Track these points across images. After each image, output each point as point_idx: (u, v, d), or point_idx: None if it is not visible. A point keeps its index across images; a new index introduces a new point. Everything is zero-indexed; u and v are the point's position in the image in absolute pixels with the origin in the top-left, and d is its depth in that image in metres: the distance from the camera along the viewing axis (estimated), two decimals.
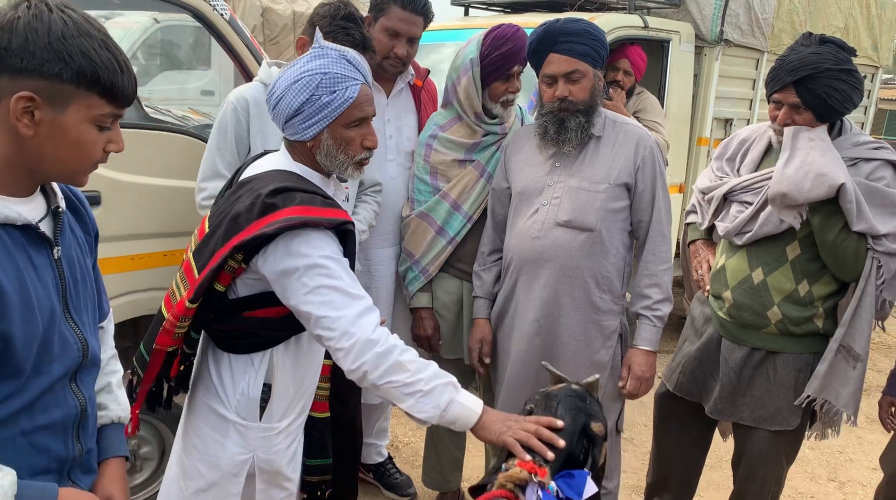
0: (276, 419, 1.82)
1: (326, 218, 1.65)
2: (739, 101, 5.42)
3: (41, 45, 1.10)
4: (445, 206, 2.67)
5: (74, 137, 1.16)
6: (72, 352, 1.27)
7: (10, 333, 1.13)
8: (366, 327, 1.62)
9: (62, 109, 1.14)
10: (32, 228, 1.19)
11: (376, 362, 1.61)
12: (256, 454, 1.81)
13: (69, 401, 1.30)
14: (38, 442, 1.26)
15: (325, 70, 1.68)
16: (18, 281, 1.15)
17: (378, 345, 1.61)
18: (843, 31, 5.68)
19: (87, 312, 1.33)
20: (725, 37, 4.91)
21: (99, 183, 2.42)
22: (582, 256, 2.35)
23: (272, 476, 1.86)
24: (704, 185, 2.65)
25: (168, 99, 5.74)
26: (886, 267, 2.24)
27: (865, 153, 2.30)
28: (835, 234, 2.25)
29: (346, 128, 1.72)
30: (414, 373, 1.63)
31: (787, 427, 2.44)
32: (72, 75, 1.12)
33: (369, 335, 1.61)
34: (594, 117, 2.36)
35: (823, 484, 3.73)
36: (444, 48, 4.72)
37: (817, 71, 2.19)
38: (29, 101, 1.11)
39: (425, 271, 2.71)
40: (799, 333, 2.37)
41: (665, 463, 2.88)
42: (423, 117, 2.89)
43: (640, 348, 2.41)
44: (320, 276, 1.62)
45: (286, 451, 1.87)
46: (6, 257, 1.14)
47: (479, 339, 2.61)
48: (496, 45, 2.52)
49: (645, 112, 4.29)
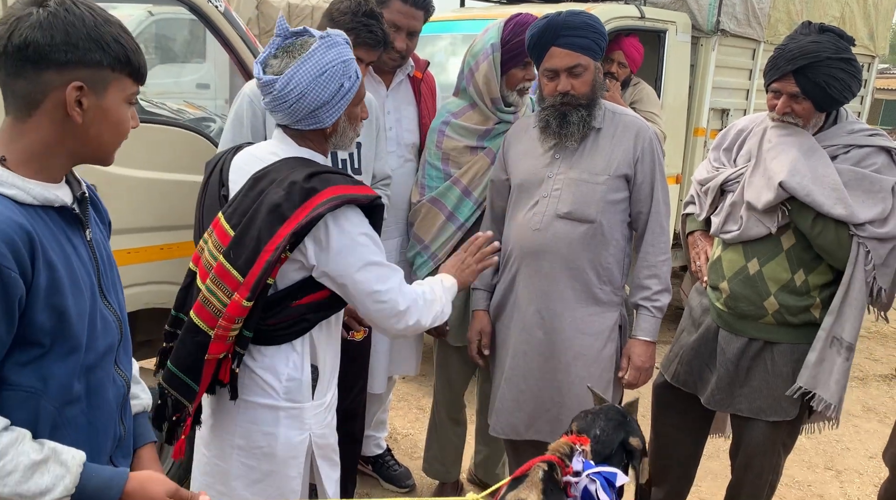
0: (323, 394, 1.92)
1: (363, 194, 1.76)
2: (736, 91, 5.41)
3: (82, 36, 1.18)
4: (456, 191, 2.69)
5: (116, 118, 1.26)
6: (112, 330, 1.34)
7: (64, 306, 1.20)
8: (407, 291, 1.84)
9: (103, 93, 1.22)
10: (68, 209, 1.26)
11: (422, 313, 1.87)
12: (312, 432, 1.89)
13: (117, 380, 1.37)
14: (97, 423, 1.32)
15: (344, 58, 1.74)
16: (65, 258, 1.22)
17: (420, 299, 1.86)
18: (840, 21, 5.67)
19: (116, 293, 1.41)
20: (722, 27, 4.90)
21: (94, 176, 2.40)
22: (582, 247, 2.35)
23: (325, 451, 1.95)
24: (702, 176, 2.66)
25: (163, 92, 5.72)
26: (875, 253, 2.23)
27: (860, 140, 2.30)
28: (809, 224, 2.27)
29: (354, 106, 1.82)
30: (439, 298, 1.94)
31: (786, 418, 2.44)
32: (111, 61, 1.21)
33: (415, 297, 1.85)
34: (595, 110, 2.36)
35: (820, 473, 3.75)
36: (440, 39, 4.71)
37: (817, 59, 2.19)
38: (79, 90, 1.19)
39: (434, 257, 2.73)
40: (796, 323, 2.37)
41: (663, 454, 2.89)
42: (423, 109, 2.89)
43: (640, 339, 2.41)
44: (367, 252, 1.76)
45: (332, 423, 1.99)
46: (51, 236, 1.21)
47: (477, 330, 2.61)
48: (518, 31, 2.54)
49: (641, 103, 4.29)
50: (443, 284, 1.99)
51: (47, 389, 1.22)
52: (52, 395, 1.23)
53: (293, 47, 1.74)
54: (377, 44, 2.39)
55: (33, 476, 1.16)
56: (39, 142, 1.21)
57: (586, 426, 1.83)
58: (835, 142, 2.31)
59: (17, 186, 1.18)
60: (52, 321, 1.19)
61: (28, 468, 1.15)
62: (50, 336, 1.19)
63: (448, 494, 3.14)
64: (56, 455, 1.19)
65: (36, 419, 1.22)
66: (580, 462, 1.68)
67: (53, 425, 1.24)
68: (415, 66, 2.91)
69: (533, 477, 1.67)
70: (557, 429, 2.43)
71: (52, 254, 1.19)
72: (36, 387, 1.21)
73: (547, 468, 1.69)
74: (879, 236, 2.22)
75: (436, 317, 1.92)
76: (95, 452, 1.31)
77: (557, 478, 1.68)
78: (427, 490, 3.27)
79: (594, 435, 1.79)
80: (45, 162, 1.23)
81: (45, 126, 1.20)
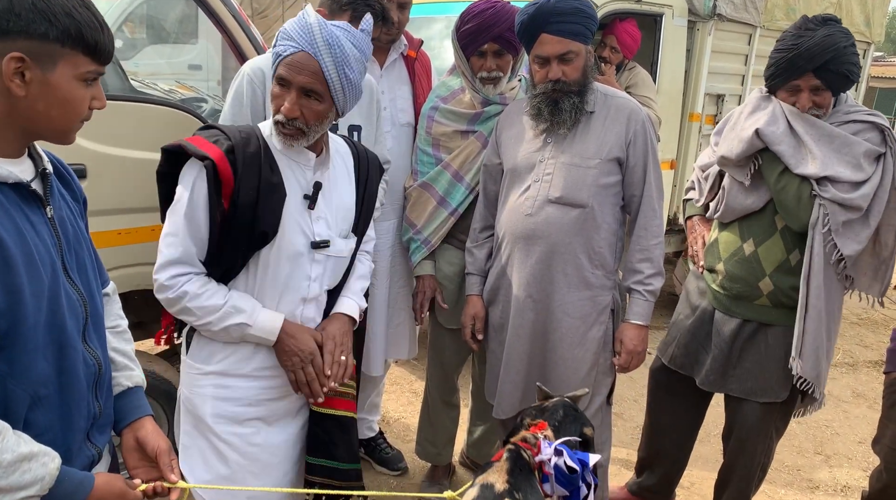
0: (200, 361, 1.87)
1: (193, 146, 1.73)
2: (732, 76, 5.40)
3: (26, 6, 1.13)
4: (447, 176, 2.67)
5: (64, 95, 1.20)
6: (76, 309, 1.31)
7: (17, 285, 1.16)
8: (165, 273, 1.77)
9: (50, 68, 1.17)
10: (24, 185, 1.22)
11: (170, 302, 1.78)
12: (182, 388, 1.92)
13: (87, 359, 1.34)
14: (69, 401, 1.30)
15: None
16: (18, 236, 1.18)
17: (170, 291, 1.76)
18: (837, 7, 5.65)
19: (86, 272, 1.37)
20: (719, 11, 4.87)
21: (84, 156, 2.39)
22: (574, 232, 2.34)
23: (195, 420, 1.88)
24: (704, 162, 2.67)
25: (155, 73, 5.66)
26: (833, 217, 2.25)
27: (858, 117, 2.33)
28: (776, 177, 2.31)
29: None
30: (203, 317, 1.78)
31: (776, 399, 2.46)
32: (57, 34, 1.15)
33: (164, 281, 1.76)
34: (588, 96, 2.34)
35: (810, 457, 3.78)
36: (435, 22, 4.66)
37: (837, 52, 2.22)
38: (19, 61, 1.14)
39: (427, 242, 2.72)
40: (791, 304, 2.38)
41: (658, 438, 2.90)
42: (417, 89, 2.86)
43: (632, 323, 2.41)
44: (175, 205, 1.76)
45: (211, 399, 1.85)
46: (3, 213, 1.17)
47: (471, 315, 2.61)
48: (463, 20, 2.53)
49: (637, 87, 4.27)
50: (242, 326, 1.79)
51: (13, 371, 1.19)
52: (19, 377, 1.20)
53: None
54: (375, 19, 2.35)
55: (14, 474, 1.15)
56: None
57: (543, 419, 1.87)
58: (834, 121, 2.34)
59: None
60: (7, 301, 1.15)
61: (10, 464, 1.14)
62: (6, 318, 1.16)
63: (440, 475, 3.16)
64: (36, 455, 1.18)
65: (6, 403, 1.20)
66: (546, 443, 1.73)
67: (28, 406, 1.23)
68: (408, 44, 2.88)
69: (500, 462, 1.71)
70: None
71: (4, 233, 1.15)
72: (1, 369, 1.18)
73: (514, 449, 1.73)
74: (841, 201, 2.24)
75: (181, 318, 1.82)
76: (70, 430, 1.32)
77: (527, 460, 1.71)
78: (419, 473, 3.29)
79: (553, 426, 1.83)
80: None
81: None
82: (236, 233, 1.74)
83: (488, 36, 2.48)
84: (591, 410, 2.46)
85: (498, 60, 2.55)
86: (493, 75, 2.57)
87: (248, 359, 1.86)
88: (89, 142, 2.40)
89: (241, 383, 1.86)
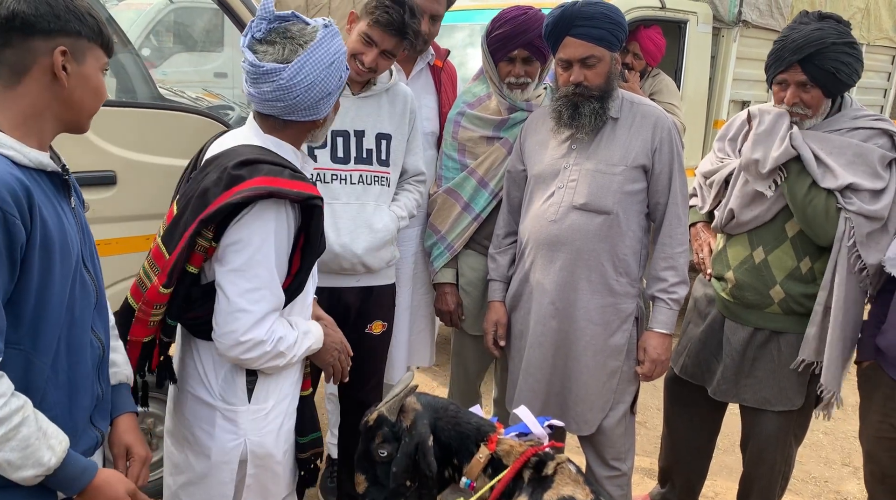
0: (263, 400, 1.77)
1: (294, 190, 1.61)
2: (757, 83, 5.35)
3: (62, 8, 1.29)
4: (472, 182, 2.68)
5: (95, 83, 1.37)
6: (90, 293, 1.41)
7: (52, 265, 1.27)
8: (265, 327, 1.65)
9: (83, 60, 1.33)
10: (59, 174, 1.35)
11: (263, 357, 1.68)
12: (248, 438, 1.76)
13: (93, 343, 1.43)
14: (76, 380, 1.38)
15: (344, 48, 1.72)
16: (57, 220, 1.30)
17: (268, 344, 1.66)
18: (864, 12, 5.58)
19: (95, 262, 1.48)
20: (744, 17, 4.84)
21: (114, 162, 2.43)
22: (599, 239, 2.34)
23: (264, 460, 1.80)
24: (706, 168, 2.65)
25: (181, 81, 5.74)
26: (858, 229, 2.22)
27: (864, 124, 2.31)
28: (805, 191, 2.27)
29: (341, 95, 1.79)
30: (288, 354, 1.72)
31: (791, 407, 2.44)
32: (87, 31, 1.32)
33: (262, 337, 1.65)
34: (609, 102, 2.34)
35: (837, 469, 3.72)
36: (458, 31, 4.68)
37: (824, 46, 2.20)
38: (64, 54, 1.29)
39: (451, 247, 2.73)
40: (802, 312, 2.36)
41: (676, 447, 2.88)
42: (443, 98, 2.88)
43: (656, 331, 2.40)
44: (246, 258, 1.61)
45: (278, 432, 1.81)
46: (47, 200, 1.29)
47: (493, 321, 2.61)
48: (495, 25, 2.56)
49: (661, 94, 4.25)
50: (307, 339, 1.79)
51: (37, 347, 1.28)
52: (42, 352, 1.29)
53: (293, 34, 1.66)
54: (390, 26, 2.26)
55: (27, 449, 1.22)
56: (30, 106, 1.30)
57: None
58: (840, 126, 2.32)
59: (15, 148, 1.26)
60: (40, 278, 1.25)
61: (26, 438, 1.21)
62: (36, 294, 1.25)
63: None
64: (47, 435, 1.26)
65: (28, 377, 1.27)
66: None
67: (45, 382, 1.31)
68: (435, 54, 2.90)
69: (567, 473, 1.74)
70: (564, 414, 2.45)
71: (46, 213, 1.26)
72: (27, 344, 1.27)
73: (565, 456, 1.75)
74: (867, 213, 2.21)
75: (271, 367, 1.73)
76: (77, 409, 1.38)
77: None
78: None
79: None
80: (34, 126, 1.31)
81: (34, 91, 1.29)
82: (311, 258, 1.73)
83: (519, 42, 2.51)
84: (615, 418, 2.45)
85: (527, 67, 2.58)
86: (522, 81, 2.59)
87: (291, 374, 1.86)
88: (119, 148, 2.44)
89: (287, 401, 1.85)
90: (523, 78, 2.59)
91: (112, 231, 2.47)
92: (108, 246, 2.47)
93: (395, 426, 1.81)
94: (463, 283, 2.78)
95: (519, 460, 1.74)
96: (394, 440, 1.80)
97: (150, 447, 2.81)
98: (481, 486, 1.77)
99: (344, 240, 2.39)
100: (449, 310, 2.78)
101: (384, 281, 2.60)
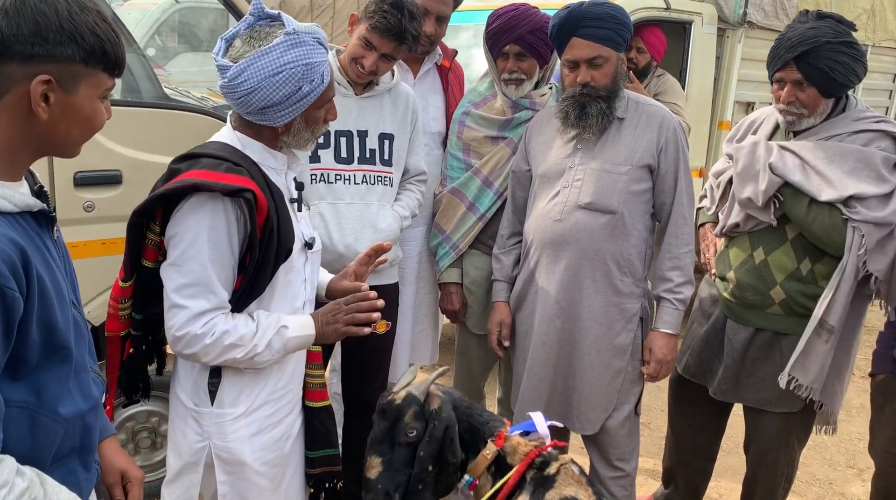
0: (228, 405, 1.73)
1: (221, 183, 1.54)
2: (762, 84, 5.32)
3: (54, 28, 1.07)
4: (477, 182, 2.68)
5: (87, 114, 1.16)
6: (83, 334, 1.28)
7: (53, 318, 1.14)
8: (203, 321, 1.59)
9: (73, 90, 1.12)
10: (45, 212, 1.17)
11: (208, 350, 1.61)
12: (212, 441, 1.72)
13: (96, 380, 1.33)
14: (88, 422, 1.28)
15: (307, 60, 1.59)
16: (47, 268, 1.14)
17: (207, 337, 1.59)
18: (870, 14, 5.57)
19: (75, 290, 1.31)
20: (749, 18, 4.83)
21: (119, 162, 2.44)
22: (603, 238, 2.33)
23: (235, 467, 1.74)
24: (718, 168, 2.65)
25: (187, 81, 5.75)
26: (869, 237, 2.20)
27: (866, 126, 2.29)
28: (804, 210, 2.26)
29: (316, 109, 1.69)
30: (246, 345, 1.63)
31: (792, 409, 2.43)
32: (84, 55, 1.11)
33: (197, 331, 1.59)
34: (616, 102, 2.34)
35: (842, 471, 3.71)
36: (463, 31, 4.68)
37: (817, 44, 2.20)
38: (46, 84, 1.09)
39: (456, 247, 2.73)
40: (804, 313, 2.35)
41: (679, 448, 2.88)
42: (450, 99, 2.89)
43: (661, 331, 2.39)
44: (183, 251, 1.57)
45: (250, 440, 1.74)
46: (33, 245, 1.12)
47: (498, 322, 2.61)
48: (490, 21, 2.58)
49: (665, 94, 4.24)
50: (280, 330, 1.69)
51: (42, 402, 1.15)
52: (49, 406, 1.16)
53: (258, 35, 1.61)
54: (388, 31, 2.25)
55: None
56: (2, 137, 1.10)
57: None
58: (842, 129, 2.30)
59: (1, 195, 1.08)
60: (42, 335, 1.12)
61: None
62: (39, 351, 1.12)
63: None
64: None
65: (34, 434, 1.15)
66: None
67: (55, 434, 1.19)
68: (443, 55, 2.90)
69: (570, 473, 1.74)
70: (568, 413, 2.45)
71: (39, 266, 1.11)
72: (29, 401, 1.14)
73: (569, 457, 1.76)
74: (874, 221, 2.19)
75: (233, 360, 1.65)
76: (90, 450, 1.30)
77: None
78: None
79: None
80: (7, 160, 1.12)
81: (5, 122, 1.10)
82: (267, 257, 1.64)
83: (510, 37, 2.52)
84: (619, 419, 2.45)
85: (520, 63, 2.57)
86: (515, 77, 2.60)
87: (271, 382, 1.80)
88: (124, 148, 2.45)
89: (268, 410, 1.79)
90: (516, 73, 2.59)
91: (117, 230, 2.47)
92: (113, 245, 2.48)
93: (425, 406, 1.79)
94: (467, 282, 2.79)
95: (524, 461, 1.74)
96: (423, 420, 1.78)
97: (154, 445, 2.81)
98: (483, 484, 1.77)
99: (348, 240, 2.40)
100: (454, 309, 2.79)
101: (387, 281, 2.61)
